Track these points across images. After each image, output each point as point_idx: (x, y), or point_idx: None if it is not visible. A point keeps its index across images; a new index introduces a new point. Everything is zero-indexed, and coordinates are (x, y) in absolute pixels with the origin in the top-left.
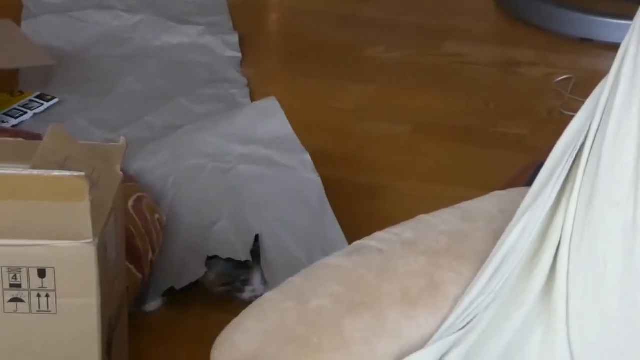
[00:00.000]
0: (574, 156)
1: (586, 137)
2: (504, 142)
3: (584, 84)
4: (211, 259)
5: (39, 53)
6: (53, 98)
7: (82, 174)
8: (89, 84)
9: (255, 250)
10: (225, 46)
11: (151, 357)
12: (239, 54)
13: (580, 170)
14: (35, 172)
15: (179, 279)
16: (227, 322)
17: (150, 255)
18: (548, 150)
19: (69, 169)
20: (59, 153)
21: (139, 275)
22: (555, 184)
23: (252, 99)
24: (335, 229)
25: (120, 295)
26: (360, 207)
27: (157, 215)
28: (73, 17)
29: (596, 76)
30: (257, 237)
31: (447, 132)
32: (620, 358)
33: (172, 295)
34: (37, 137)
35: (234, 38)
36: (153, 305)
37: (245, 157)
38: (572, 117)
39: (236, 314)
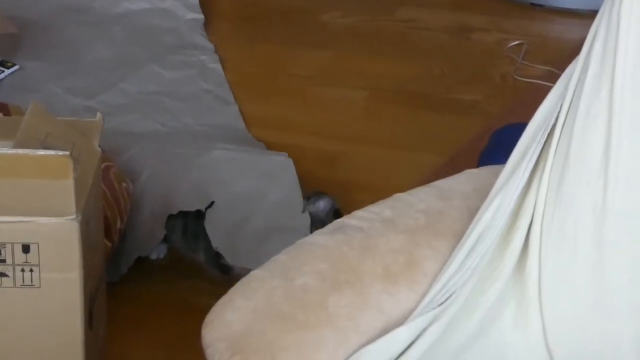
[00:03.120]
0: (545, 136)
1: (557, 118)
2: (459, 107)
3: (536, 50)
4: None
5: (1, 21)
6: (13, 65)
7: (67, 152)
8: (57, 52)
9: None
10: (186, 8)
11: (123, 322)
12: (202, 16)
13: (552, 150)
14: (20, 151)
15: (145, 247)
16: (193, 288)
17: (118, 223)
18: (502, 114)
19: (51, 146)
20: (40, 130)
21: (109, 244)
22: (528, 164)
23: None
24: (298, 203)
25: (99, 267)
26: (321, 173)
27: (124, 184)
28: None
29: (547, 41)
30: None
31: (403, 98)
32: (590, 331)
33: (141, 264)
34: (4, 107)
35: None
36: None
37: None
38: (524, 82)
39: (203, 279)
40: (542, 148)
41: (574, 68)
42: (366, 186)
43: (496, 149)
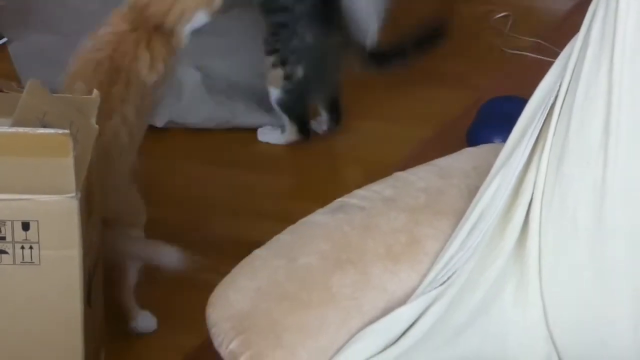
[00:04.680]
0: (544, 116)
1: (556, 97)
2: (447, 80)
3: (523, 21)
4: None
5: None
6: (2, 37)
7: (67, 131)
8: (59, 23)
9: None
10: None
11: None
12: None
13: (551, 129)
14: (21, 130)
15: None
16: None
17: None
18: (490, 87)
19: (50, 125)
20: (38, 108)
21: None
22: (527, 143)
23: None
24: None
25: (97, 245)
26: (311, 146)
27: None
28: None
29: (533, 13)
30: None
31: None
32: (590, 307)
33: None
34: None
35: None
36: None
37: None
38: (511, 54)
39: (200, 254)
40: (542, 127)
41: (572, 48)
42: (357, 159)
43: (484, 121)
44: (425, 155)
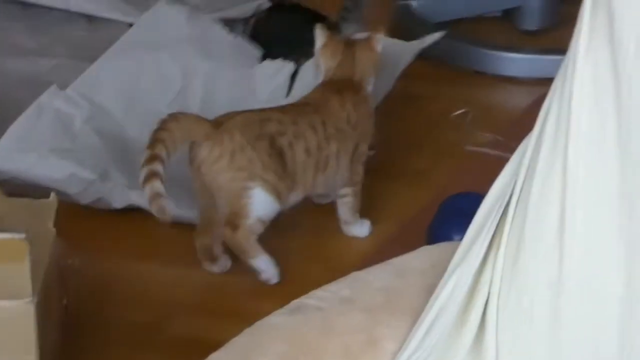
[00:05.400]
0: (500, 213)
1: (511, 194)
2: (407, 176)
3: (481, 117)
4: None
5: None
6: None
7: (23, 236)
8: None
9: None
10: None
11: None
12: None
13: (507, 226)
14: None
15: None
16: None
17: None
18: (450, 183)
19: (5, 229)
20: None
21: None
22: (483, 240)
23: None
24: None
25: (55, 347)
26: (270, 240)
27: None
28: None
29: (492, 109)
30: None
31: None
32: None
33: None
34: None
35: None
36: None
37: None
38: (471, 150)
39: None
40: (497, 225)
41: (527, 145)
42: (317, 255)
43: (444, 218)
44: (385, 252)
